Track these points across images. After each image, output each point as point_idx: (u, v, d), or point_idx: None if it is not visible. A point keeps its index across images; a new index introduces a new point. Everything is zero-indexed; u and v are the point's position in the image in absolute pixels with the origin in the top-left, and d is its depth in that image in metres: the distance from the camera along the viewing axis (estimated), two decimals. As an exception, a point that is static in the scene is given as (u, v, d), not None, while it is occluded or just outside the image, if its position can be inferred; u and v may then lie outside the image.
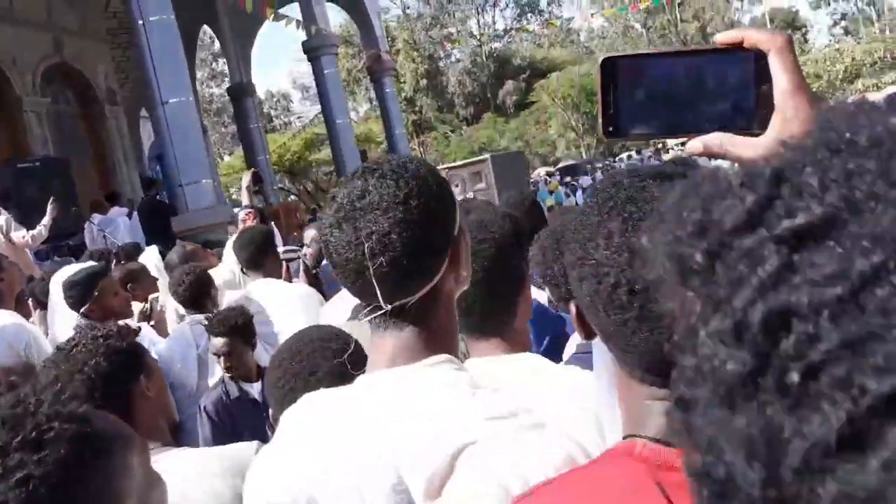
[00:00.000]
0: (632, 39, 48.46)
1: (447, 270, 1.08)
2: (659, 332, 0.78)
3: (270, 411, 1.64)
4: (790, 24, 50.80)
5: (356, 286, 1.07)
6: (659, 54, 0.77)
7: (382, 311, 1.06)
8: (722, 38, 0.71)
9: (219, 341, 3.06)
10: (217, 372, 3.25)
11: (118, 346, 1.73)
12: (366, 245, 1.01)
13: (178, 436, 2.43)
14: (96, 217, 9.36)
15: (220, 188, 11.73)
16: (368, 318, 1.09)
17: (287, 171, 28.51)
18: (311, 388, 1.52)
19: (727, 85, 0.71)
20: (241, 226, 4.49)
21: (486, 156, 6.16)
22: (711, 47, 0.71)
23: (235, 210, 13.39)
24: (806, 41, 40.81)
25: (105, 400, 1.64)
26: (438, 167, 7.00)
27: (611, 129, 0.74)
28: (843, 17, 51.73)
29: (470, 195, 5.57)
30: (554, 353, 1.88)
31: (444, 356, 1.07)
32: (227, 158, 41.20)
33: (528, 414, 1.03)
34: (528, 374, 1.40)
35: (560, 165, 22.41)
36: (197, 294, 3.61)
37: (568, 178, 18.13)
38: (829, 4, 51.98)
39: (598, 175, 16.49)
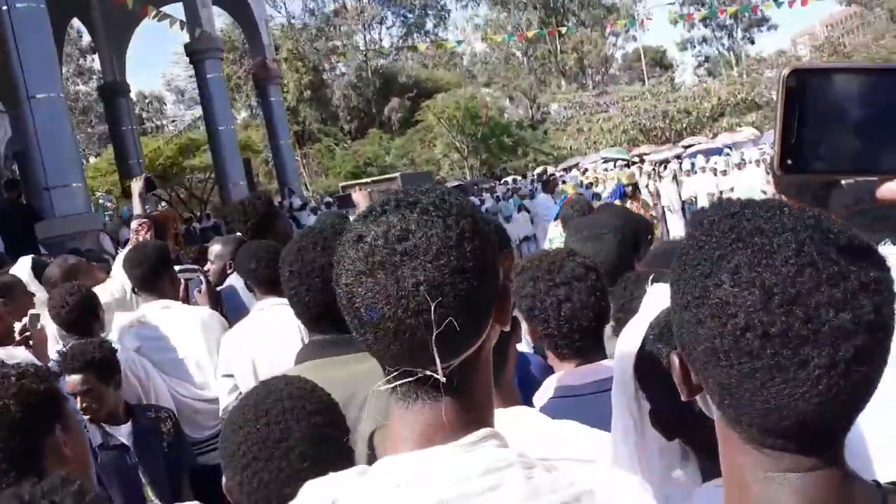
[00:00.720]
0: (513, 67, 49.92)
1: (492, 325, 0.92)
2: (796, 385, 0.68)
3: (224, 480, 1.35)
4: (659, 63, 54.24)
5: (390, 351, 0.87)
6: (856, 69, 0.62)
7: (415, 378, 0.88)
8: None
9: (74, 379, 2.69)
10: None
11: (33, 388, 1.41)
12: (412, 298, 0.83)
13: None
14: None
15: (87, 193, 10.84)
16: (394, 385, 0.90)
17: (159, 177, 26.92)
18: (280, 457, 1.30)
19: None
20: (132, 238, 4.03)
21: (397, 174, 6.01)
22: None
23: (106, 218, 12.46)
24: (673, 80, 43.62)
25: (10, 455, 1.33)
26: (345, 183, 6.76)
27: (790, 161, 0.62)
28: (707, 59, 55.81)
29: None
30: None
31: (487, 431, 0.90)
32: (93, 160, 38.58)
33: (591, 496, 0.88)
34: (540, 435, 1.24)
35: (447, 185, 22.58)
36: (82, 317, 3.19)
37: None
38: (693, 47, 55.94)
39: (487, 196, 16.68)
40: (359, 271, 0.85)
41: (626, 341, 1.25)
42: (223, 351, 2.94)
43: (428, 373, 0.86)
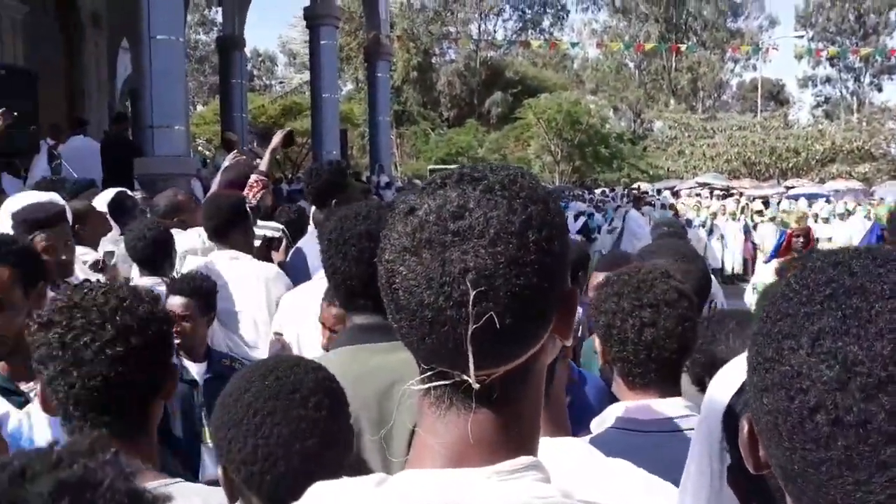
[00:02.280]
0: (624, 77, 48.98)
1: (550, 336, 0.79)
2: (870, 491, 0.54)
3: (220, 466, 1.30)
4: (775, 97, 52.12)
5: (424, 344, 0.75)
6: None
7: (451, 382, 0.76)
8: None
9: (178, 300, 2.74)
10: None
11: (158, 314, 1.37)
12: (457, 286, 0.71)
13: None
14: (51, 143, 8.76)
15: (188, 137, 11.21)
16: (430, 386, 0.77)
17: (259, 134, 27.79)
18: (298, 405, 1.25)
19: None
20: (247, 191, 4.00)
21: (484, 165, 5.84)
22: None
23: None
24: (787, 116, 41.82)
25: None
26: (434, 166, 6.66)
27: None
28: (827, 100, 53.28)
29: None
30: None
31: (528, 459, 0.78)
32: (199, 108, 40.09)
33: None
34: (588, 472, 1.12)
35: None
36: (155, 254, 3.25)
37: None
38: (815, 85, 53.49)
39: (574, 204, 16.38)
40: (403, 247, 0.75)
41: (723, 382, 1.08)
42: (280, 309, 2.94)
43: (465, 377, 0.74)
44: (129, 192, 4.73)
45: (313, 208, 4.16)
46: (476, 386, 0.74)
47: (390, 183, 16.63)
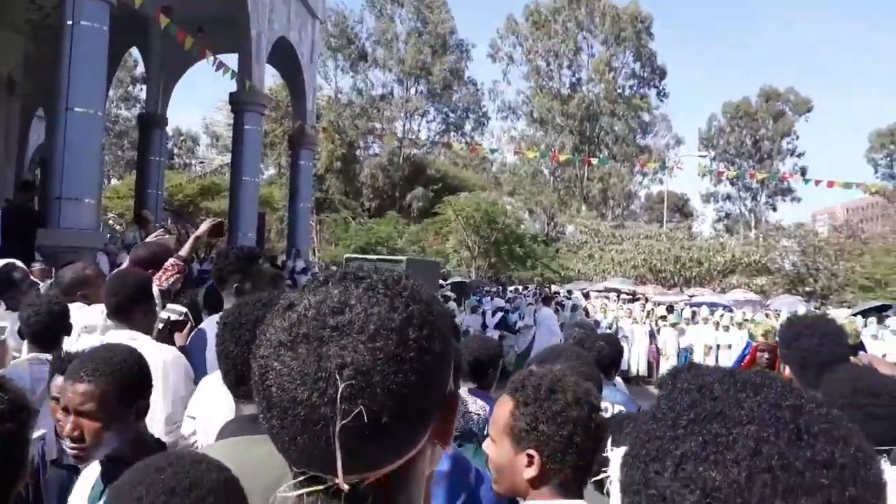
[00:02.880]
0: (539, 182, 51.05)
1: (430, 437, 0.76)
2: None
3: None
4: (680, 209, 55.35)
5: (296, 444, 0.70)
6: None
7: (327, 487, 0.71)
8: None
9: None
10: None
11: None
12: (332, 382, 0.68)
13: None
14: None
15: (98, 212, 10.88)
16: (302, 492, 0.72)
17: (173, 212, 27.24)
18: None
19: None
20: (160, 273, 3.85)
21: (403, 258, 5.92)
22: None
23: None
24: (691, 228, 44.39)
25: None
26: (351, 256, 6.68)
27: None
28: (727, 215, 56.96)
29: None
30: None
31: None
32: (114, 182, 39.11)
33: None
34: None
35: (450, 281, 22.63)
36: (49, 329, 3.10)
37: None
38: (717, 201, 57.23)
39: (495, 300, 16.69)
40: (279, 342, 0.72)
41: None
42: (197, 391, 2.84)
43: (338, 482, 0.69)
44: (18, 264, 4.51)
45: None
46: (345, 487, 0.70)
47: (307, 268, 16.50)
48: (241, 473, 1.28)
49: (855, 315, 19.01)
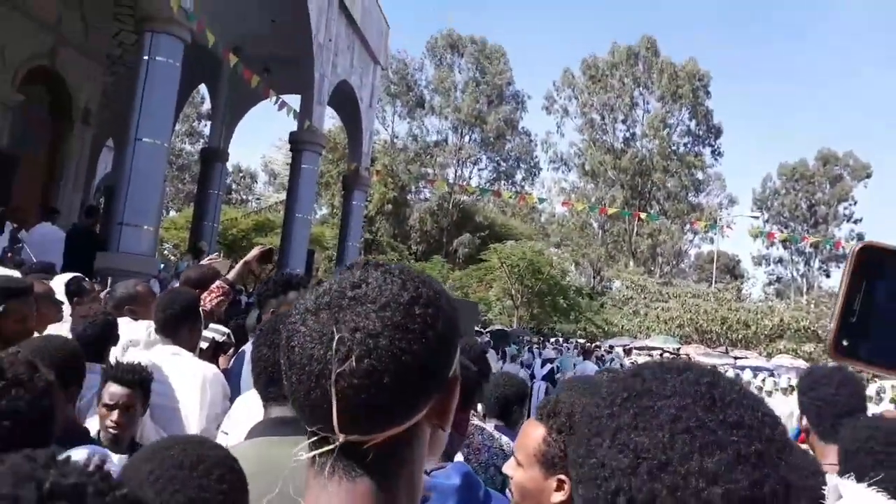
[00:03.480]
0: (587, 235, 50.88)
1: (429, 415, 0.84)
2: None
3: None
4: (730, 271, 54.31)
5: (309, 399, 0.79)
6: None
7: (331, 448, 0.79)
8: None
9: (119, 390, 2.75)
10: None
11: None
12: (343, 343, 0.78)
13: None
14: (14, 226, 8.83)
15: (156, 239, 11.33)
16: (313, 453, 0.81)
17: (227, 245, 28.03)
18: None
19: None
20: (206, 295, 4.03)
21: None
22: None
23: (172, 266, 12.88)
24: (740, 290, 43.51)
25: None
26: None
27: (844, 342, 0.55)
28: (779, 279, 55.68)
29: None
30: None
31: None
32: (172, 213, 40.46)
33: None
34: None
35: (490, 328, 22.60)
36: (98, 340, 3.28)
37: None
38: (768, 264, 56.08)
39: (545, 351, 16.72)
40: (306, 309, 0.83)
41: None
42: (232, 409, 2.95)
43: (347, 439, 0.78)
44: (85, 278, 4.79)
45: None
46: (339, 439, 0.78)
47: (350, 307, 16.77)
48: (257, 470, 1.33)
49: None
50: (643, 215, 35.41)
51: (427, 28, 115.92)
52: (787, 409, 14.67)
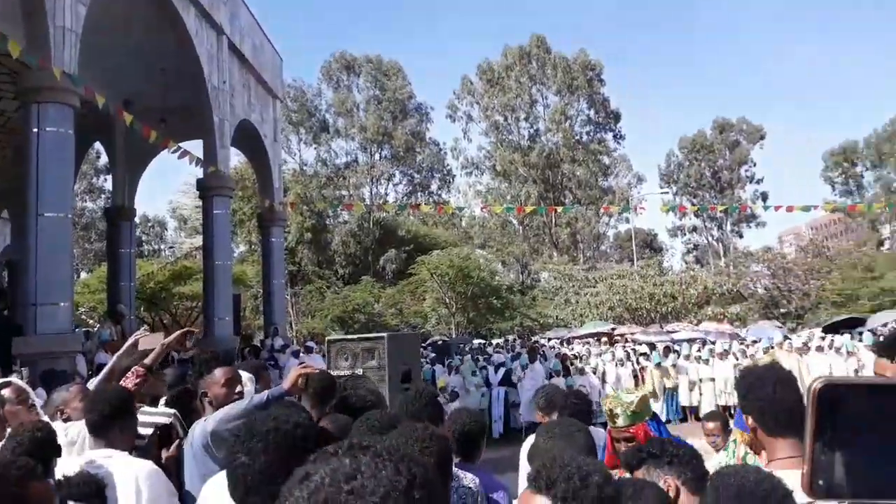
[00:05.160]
0: (509, 233, 51.62)
1: None
2: None
3: None
4: (649, 245, 56.17)
5: None
6: (887, 385, 0.57)
7: None
8: None
9: None
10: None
11: None
12: None
13: None
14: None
15: (72, 313, 10.85)
16: None
17: (146, 300, 27.05)
18: None
19: None
20: (126, 381, 3.91)
21: (384, 334, 6.03)
22: None
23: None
24: (661, 264, 45.00)
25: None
26: (333, 338, 6.70)
27: (820, 482, 0.55)
28: (696, 247, 57.90)
29: (360, 371, 5.39)
30: None
31: None
32: (84, 276, 38.77)
33: None
34: None
35: (429, 341, 22.63)
36: (38, 454, 3.13)
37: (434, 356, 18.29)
38: (684, 234, 58.23)
39: (495, 356, 16.89)
40: None
41: None
42: (201, 496, 2.86)
43: None
44: (14, 381, 4.55)
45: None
46: None
47: (286, 345, 16.45)
48: None
49: (825, 331, 19.39)
50: (559, 208, 36.22)
51: (320, 52, 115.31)
52: (724, 373, 15.33)
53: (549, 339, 23.54)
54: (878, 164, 55.63)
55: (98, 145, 23.12)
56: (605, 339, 22.62)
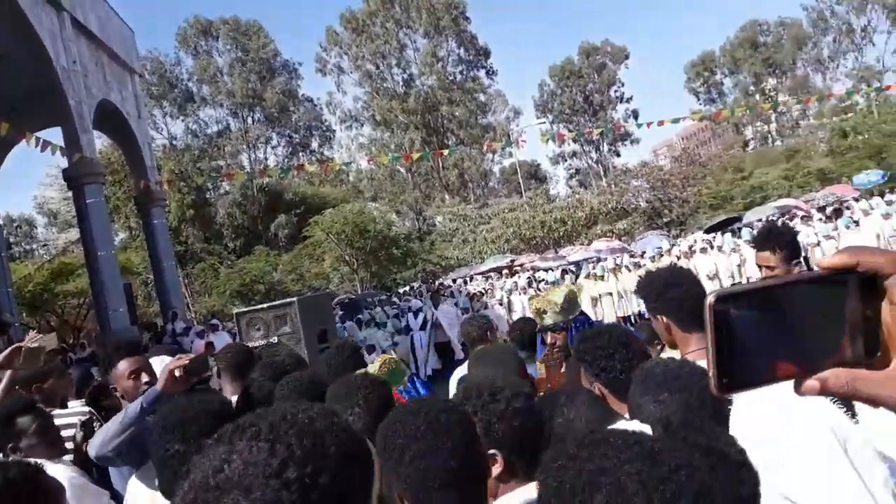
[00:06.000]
0: (398, 182, 51.51)
1: None
2: None
3: None
4: (534, 175, 57.55)
5: None
6: (768, 287, 0.65)
7: None
8: (831, 261, 0.63)
9: None
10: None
11: None
12: None
13: None
14: None
15: (-50, 328, 10.09)
16: None
17: (28, 304, 25.41)
18: None
19: (836, 313, 0.63)
20: None
21: (293, 299, 5.96)
22: (818, 274, 0.64)
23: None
24: (548, 192, 46.33)
25: None
26: (240, 310, 6.54)
27: (725, 380, 0.62)
28: (578, 171, 59.79)
29: (274, 339, 5.33)
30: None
31: None
32: (-50, 290, 35.81)
33: None
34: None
35: (336, 301, 22.54)
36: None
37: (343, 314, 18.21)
38: (565, 160, 59.91)
39: (378, 310, 16.78)
40: None
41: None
42: (128, 492, 2.79)
43: None
44: None
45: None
46: None
47: (188, 327, 15.96)
48: None
49: (707, 232, 20.72)
50: (445, 152, 36.36)
51: (173, 19, 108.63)
52: (619, 286, 16.12)
53: (455, 280, 23.94)
54: (735, 71, 58.78)
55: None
56: (506, 271, 23.24)
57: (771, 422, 1.39)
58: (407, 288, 24.36)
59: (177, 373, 2.81)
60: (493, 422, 1.72)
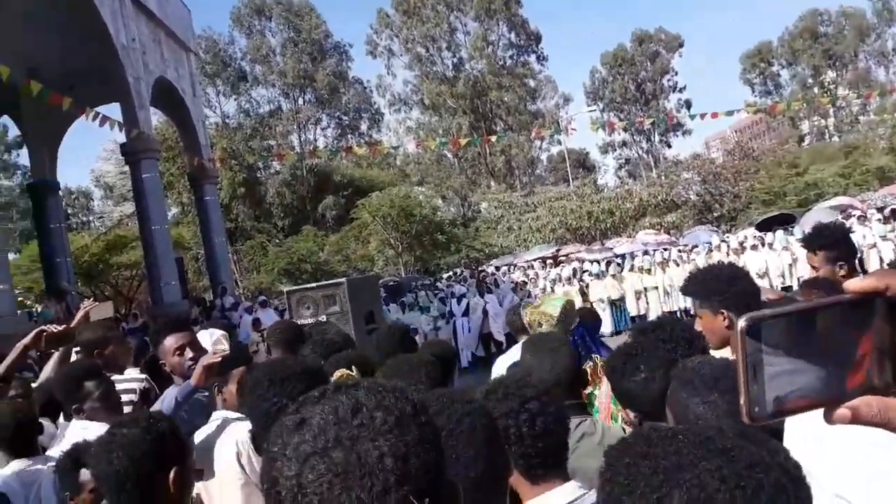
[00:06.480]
0: (445, 167, 51.48)
1: None
2: None
3: None
4: (582, 164, 56.92)
5: None
6: (797, 311, 0.63)
7: None
8: (859, 285, 0.62)
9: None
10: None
11: None
12: (377, 474, 0.72)
13: None
14: None
15: (13, 294, 10.50)
16: None
17: (83, 274, 26.24)
18: None
19: (864, 338, 0.62)
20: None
21: (342, 280, 6.05)
22: (847, 298, 0.63)
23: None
24: (596, 182, 45.79)
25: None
26: (291, 289, 6.66)
27: (757, 409, 0.61)
28: (627, 161, 58.95)
29: (323, 318, 5.43)
30: None
31: None
32: (11, 257, 37.18)
33: None
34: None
35: (382, 282, 22.74)
36: (20, 436, 3.09)
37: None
38: (615, 150, 59.14)
39: (422, 294, 16.87)
40: (307, 454, 0.74)
41: None
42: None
43: None
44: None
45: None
46: None
47: (237, 303, 16.31)
48: None
49: (758, 229, 20.24)
50: (493, 138, 36.16)
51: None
52: (667, 280, 15.88)
53: (498, 268, 23.90)
54: (793, 62, 57.09)
55: (6, 119, 21.91)
56: (550, 261, 23.09)
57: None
58: (451, 273, 24.40)
59: (210, 371, 2.89)
60: (510, 422, 1.68)
